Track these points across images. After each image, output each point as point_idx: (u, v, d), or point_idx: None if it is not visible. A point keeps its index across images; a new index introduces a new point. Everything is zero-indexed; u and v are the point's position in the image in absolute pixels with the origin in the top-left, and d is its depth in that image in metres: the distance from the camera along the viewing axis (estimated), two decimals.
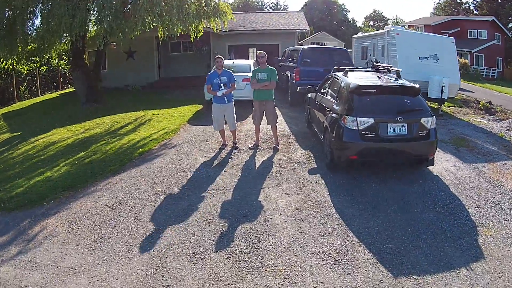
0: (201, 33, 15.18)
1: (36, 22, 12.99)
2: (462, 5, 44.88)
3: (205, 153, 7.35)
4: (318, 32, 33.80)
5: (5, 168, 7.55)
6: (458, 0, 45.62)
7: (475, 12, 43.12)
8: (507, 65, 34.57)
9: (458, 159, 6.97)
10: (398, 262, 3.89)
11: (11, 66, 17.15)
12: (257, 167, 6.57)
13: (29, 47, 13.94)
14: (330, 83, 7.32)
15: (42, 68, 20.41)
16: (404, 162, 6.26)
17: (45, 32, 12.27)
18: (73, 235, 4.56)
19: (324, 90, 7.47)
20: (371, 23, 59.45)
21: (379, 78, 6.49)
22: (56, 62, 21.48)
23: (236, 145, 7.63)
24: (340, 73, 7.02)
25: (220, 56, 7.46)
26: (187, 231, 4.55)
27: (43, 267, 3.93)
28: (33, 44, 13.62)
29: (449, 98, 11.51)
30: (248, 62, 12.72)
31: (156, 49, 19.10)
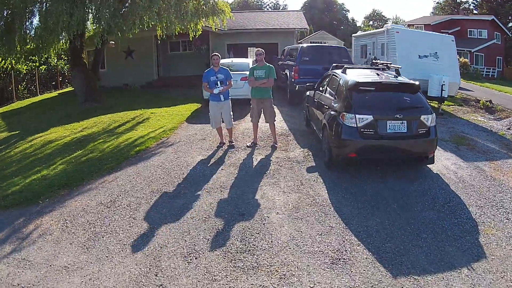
0: (200, 32, 15.13)
1: (34, 21, 12.95)
2: (462, 4, 44.87)
3: (202, 152, 7.27)
4: (318, 31, 33.74)
5: (2, 167, 7.49)
6: (457, 0, 45.57)
7: (474, 11, 43.10)
8: (507, 64, 34.52)
9: (458, 157, 6.89)
10: (397, 262, 3.81)
11: (10, 66, 17.14)
12: (254, 165, 6.49)
13: (28, 46, 13.90)
14: (328, 80, 7.24)
15: (41, 67, 20.41)
16: (404, 160, 6.18)
17: (43, 31, 12.23)
18: (67, 234, 4.51)
19: (323, 88, 7.38)
20: (371, 22, 59.42)
21: (378, 75, 6.40)
22: (55, 62, 21.51)
23: (233, 144, 7.53)
24: (338, 71, 6.94)
25: (216, 54, 7.36)
26: (182, 230, 4.47)
27: (36, 265, 3.89)
28: (32, 44, 13.59)
29: (449, 96, 11.45)
30: (247, 60, 12.65)
31: (155, 48, 19.07)
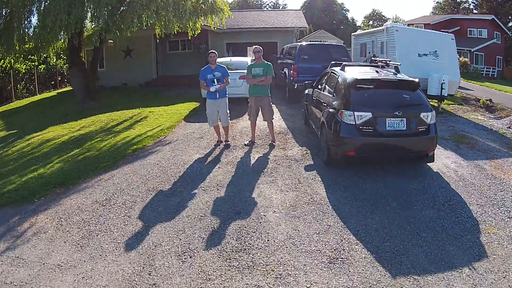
0: (199, 30, 15.07)
1: (33, 19, 12.94)
2: (461, 4, 44.82)
3: (199, 150, 7.19)
4: (317, 30, 33.67)
5: None
6: (457, 0, 45.53)
7: (474, 11, 43.05)
8: (507, 64, 34.46)
9: (458, 156, 6.81)
10: (397, 261, 3.72)
11: (8, 65, 17.16)
12: (252, 163, 6.41)
13: (27, 45, 13.91)
14: (327, 78, 7.16)
15: (40, 67, 20.40)
16: (403, 158, 6.09)
17: (41, 29, 12.19)
18: (61, 232, 4.47)
19: (321, 85, 7.30)
20: (371, 22, 59.37)
21: (377, 73, 6.32)
22: (54, 61, 21.51)
23: (229, 143, 7.40)
24: (337, 68, 6.86)
25: (213, 51, 7.27)
26: (177, 228, 4.40)
27: (30, 263, 3.85)
28: (31, 43, 13.57)
29: (449, 95, 11.37)
30: (246, 59, 12.59)
31: (154, 47, 19.03)
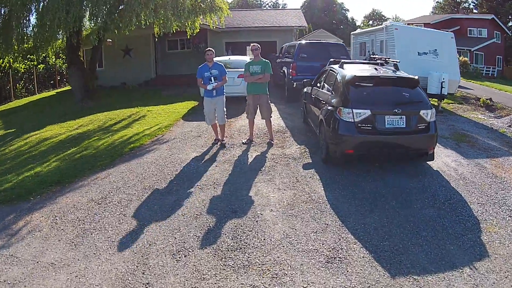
0: (198, 29, 15.01)
1: (31, 18, 12.93)
2: (461, 4, 44.75)
3: (197, 148, 7.12)
4: (317, 30, 33.58)
5: None
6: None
7: (474, 11, 42.98)
8: (507, 63, 34.39)
9: (459, 154, 6.73)
10: (396, 261, 3.64)
11: (7, 64, 17.14)
12: (249, 162, 6.33)
13: (26, 45, 13.87)
14: (326, 76, 7.08)
15: (39, 66, 20.34)
16: (403, 156, 6.01)
17: (39, 28, 12.13)
18: (56, 230, 4.42)
19: (320, 83, 7.22)
20: (370, 22, 59.29)
21: (376, 70, 6.24)
22: (53, 61, 21.48)
23: (224, 143, 7.22)
24: (336, 66, 6.78)
25: (210, 49, 7.19)
26: (172, 227, 4.33)
27: (24, 262, 3.81)
28: (30, 42, 13.57)
29: (449, 94, 11.29)
30: (245, 58, 12.50)
31: (153, 46, 18.97)
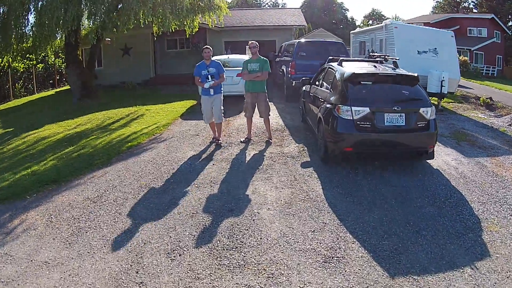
0: (197, 28, 14.95)
1: (30, 17, 12.89)
2: (461, 3, 44.69)
3: (194, 147, 7.05)
4: (316, 29, 33.52)
5: None
6: None
7: (474, 10, 42.91)
8: (506, 63, 34.31)
9: (459, 153, 6.66)
10: (395, 261, 3.56)
11: (6, 64, 17.03)
12: (247, 160, 6.25)
13: (24, 44, 13.82)
14: (324, 74, 7.01)
15: (38, 66, 20.25)
16: (402, 155, 5.94)
17: (38, 27, 12.07)
18: (51, 229, 4.36)
19: (319, 81, 7.16)
20: (370, 22, 59.18)
21: (376, 67, 6.17)
22: (52, 60, 21.40)
23: (220, 142, 7.09)
24: (334, 63, 6.71)
25: (208, 46, 7.10)
26: (168, 226, 4.25)
27: (18, 260, 3.75)
28: (29, 41, 13.52)
29: (449, 93, 11.21)
30: (244, 57, 12.42)
31: (152, 45, 18.93)
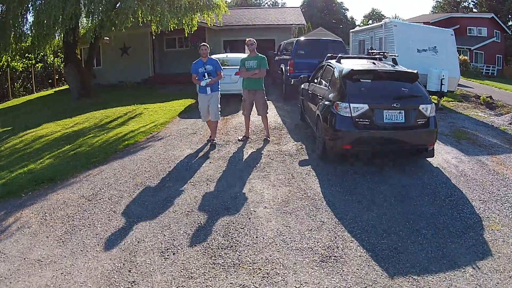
0: (195, 27, 14.86)
1: (28, 17, 12.88)
2: (461, 3, 44.62)
3: (191, 145, 6.97)
4: (316, 28, 33.42)
5: None
6: None
7: (474, 10, 42.84)
8: (506, 62, 34.23)
9: (459, 151, 6.57)
10: (395, 260, 3.48)
11: (5, 63, 16.97)
12: (244, 158, 6.17)
13: (23, 44, 13.78)
14: (323, 71, 6.93)
15: (37, 65, 20.21)
16: (402, 152, 5.85)
17: (36, 26, 12.02)
18: (45, 227, 4.31)
19: (317, 79, 7.08)
20: (370, 21, 59.11)
21: (375, 64, 6.09)
22: (51, 60, 21.37)
23: (214, 143, 6.92)
24: (333, 60, 6.63)
25: (205, 44, 7.01)
26: (162, 224, 4.17)
27: (11, 258, 3.71)
28: (28, 41, 13.48)
29: (449, 92, 11.13)
30: (243, 55, 12.33)
31: (150, 45, 18.88)
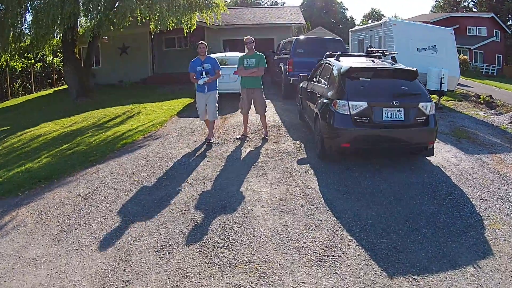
0: (194, 27, 14.83)
1: (27, 16, 12.88)
2: (461, 3, 44.58)
3: (189, 144, 6.92)
4: (316, 28, 33.35)
5: None
6: None
7: (474, 9, 42.81)
8: (506, 62, 34.19)
9: (459, 150, 6.52)
10: (394, 260, 3.42)
11: (4, 63, 16.92)
12: (242, 157, 6.11)
13: (22, 43, 13.75)
14: (321, 69, 6.88)
15: (36, 65, 20.17)
16: (401, 151, 5.79)
17: (35, 25, 11.99)
18: (40, 225, 4.27)
19: (316, 77, 7.02)
20: (370, 21, 59.09)
21: (374, 62, 6.03)
22: (50, 59, 21.32)
23: (211, 142, 6.82)
24: (332, 58, 6.58)
25: (203, 42, 6.96)
26: (158, 223, 4.12)
27: (6, 257, 3.67)
28: (27, 40, 13.45)
29: (449, 91, 11.07)
30: (241, 54, 12.28)
31: (149, 44, 18.79)
